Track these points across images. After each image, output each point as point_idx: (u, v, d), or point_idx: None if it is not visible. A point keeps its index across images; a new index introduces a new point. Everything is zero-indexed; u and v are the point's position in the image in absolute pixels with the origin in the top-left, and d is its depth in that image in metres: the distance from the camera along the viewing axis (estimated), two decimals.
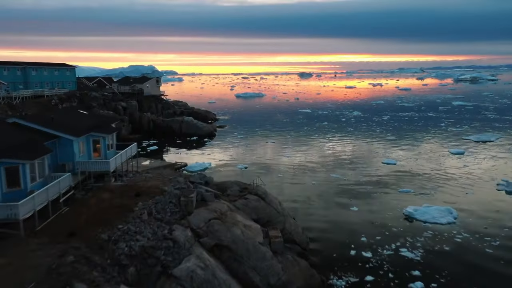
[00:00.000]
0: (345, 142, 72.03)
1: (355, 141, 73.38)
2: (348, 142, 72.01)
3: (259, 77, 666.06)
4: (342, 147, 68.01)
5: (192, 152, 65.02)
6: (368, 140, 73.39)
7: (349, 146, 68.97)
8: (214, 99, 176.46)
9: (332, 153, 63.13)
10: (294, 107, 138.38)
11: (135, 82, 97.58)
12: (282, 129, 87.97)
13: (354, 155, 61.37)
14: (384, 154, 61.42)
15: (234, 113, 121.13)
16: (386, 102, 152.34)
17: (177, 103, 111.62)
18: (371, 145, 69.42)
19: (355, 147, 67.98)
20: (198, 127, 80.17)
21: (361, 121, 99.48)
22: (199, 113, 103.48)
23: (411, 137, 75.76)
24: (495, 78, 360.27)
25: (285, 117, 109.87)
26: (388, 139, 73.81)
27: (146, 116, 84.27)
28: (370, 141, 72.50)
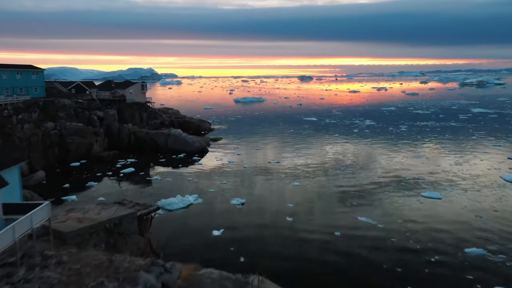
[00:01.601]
0: (363, 163, 58.30)
1: (376, 160, 59.65)
2: (367, 162, 58.30)
3: (259, 80, 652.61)
4: (362, 171, 54.28)
5: (175, 177, 51.32)
6: (392, 159, 59.62)
7: (370, 168, 55.23)
8: (211, 104, 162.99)
9: (352, 182, 49.45)
10: (298, 114, 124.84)
11: (117, 87, 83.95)
12: (287, 142, 74.49)
13: (381, 185, 47.65)
14: (419, 183, 47.67)
15: (231, 121, 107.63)
16: (397, 108, 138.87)
17: (167, 111, 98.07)
18: (398, 168, 55.64)
19: (377, 170, 54.22)
20: (187, 142, 66.55)
21: (377, 132, 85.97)
22: (191, 123, 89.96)
23: (444, 154, 62.13)
24: (502, 82, 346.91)
25: (288, 126, 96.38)
26: (417, 158, 60.08)
27: (126, 127, 70.67)
28: (394, 161, 58.71)
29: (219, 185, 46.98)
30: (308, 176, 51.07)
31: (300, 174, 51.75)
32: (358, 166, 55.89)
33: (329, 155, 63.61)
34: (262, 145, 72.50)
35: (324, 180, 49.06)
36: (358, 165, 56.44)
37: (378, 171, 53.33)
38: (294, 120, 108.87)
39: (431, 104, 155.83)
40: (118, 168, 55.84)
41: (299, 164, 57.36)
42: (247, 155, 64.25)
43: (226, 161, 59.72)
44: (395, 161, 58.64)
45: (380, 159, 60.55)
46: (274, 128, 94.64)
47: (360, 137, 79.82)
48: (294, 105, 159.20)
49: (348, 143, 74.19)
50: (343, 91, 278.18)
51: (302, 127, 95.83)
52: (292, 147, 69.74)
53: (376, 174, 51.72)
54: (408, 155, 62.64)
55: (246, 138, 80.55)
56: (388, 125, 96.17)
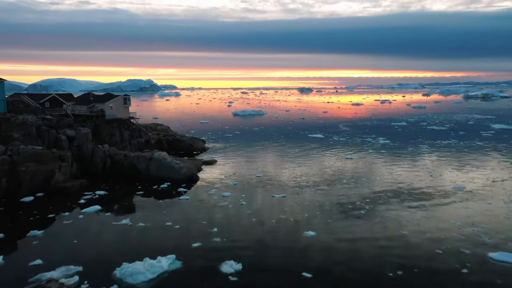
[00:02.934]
0: (387, 195, 46.02)
1: (402, 191, 47.40)
2: (392, 194, 46.06)
3: (258, 92, 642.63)
4: (398, 211, 41.99)
5: (151, 221, 38.74)
6: (424, 192, 47.47)
7: (399, 207, 42.92)
8: (208, 118, 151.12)
9: (394, 229, 37.15)
10: (302, 129, 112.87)
11: (95, 101, 71.98)
12: (293, 167, 62.27)
13: (410, 231, 35.36)
14: (486, 235, 35.43)
15: (228, 139, 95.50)
16: (409, 124, 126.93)
17: (155, 127, 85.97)
18: (436, 204, 43.39)
19: (416, 213, 41.98)
20: (173, 168, 54.27)
21: (395, 153, 73.75)
22: (181, 142, 77.83)
23: (488, 186, 49.82)
24: (508, 95, 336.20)
25: (293, 145, 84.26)
26: (458, 190, 47.82)
27: (101, 150, 58.47)
28: (429, 195, 46.55)
29: (207, 236, 34.51)
30: (327, 220, 38.72)
31: (315, 218, 39.38)
32: (389, 204, 43.59)
33: (347, 187, 51.23)
34: (263, 170, 60.21)
35: (351, 226, 36.77)
36: (388, 202, 44.13)
37: (417, 213, 41.01)
38: (298, 137, 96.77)
39: (444, 118, 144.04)
40: (81, 204, 43.49)
41: (312, 200, 45.03)
42: (246, 185, 51.91)
43: (219, 194, 47.40)
44: (430, 195, 46.41)
45: (408, 190, 48.28)
46: (276, 147, 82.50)
47: (378, 160, 67.60)
48: (297, 119, 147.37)
49: (366, 168, 61.93)
50: (345, 103, 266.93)
51: (309, 146, 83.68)
52: (299, 174, 57.48)
53: (416, 216, 39.42)
54: (442, 185, 50.37)
55: (244, 160, 68.35)
56: (405, 144, 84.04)
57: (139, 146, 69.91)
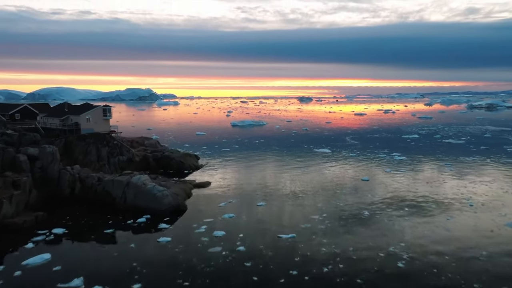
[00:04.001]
0: (433, 240, 35.47)
1: (446, 231, 36.95)
2: (437, 236, 35.57)
3: (258, 101, 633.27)
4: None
5: (113, 282, 28.31)
6: (470, 225, 37.08)
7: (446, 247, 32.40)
8: (204, 129, 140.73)
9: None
10: (306, 143, 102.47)
11: (70, 112, 61.64)
12: (300, 192, 51.64)
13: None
14: None
15: (225, 154, 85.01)
16: (421, 136, 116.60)
17: (142, 141, 75.45)
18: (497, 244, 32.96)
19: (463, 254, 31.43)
20: (155, 196, 43.74)
21: (417, 173, 63.08)
22: (171, 159, 67.32)
23: None
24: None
25: (298, 162, 73.72)
26: (505, 229, 37.51)
27: (69, 172, 48.03)
28: (476, 228, 36.12)
29: None
30: (354, 279, 28.16)
31: (338, 274, 28.85)
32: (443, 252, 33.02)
33: (374, 226, 40.70)
34: (265, 197, 49.64)
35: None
36: (440, 252, 33.55)
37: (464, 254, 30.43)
38: (303, 152, 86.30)
39: (456, 130, 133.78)
40: (26, 252, 32.85)
41: (329, 244, 34.38)
42: (244, 220, 41.31)
43: (210, 234, 36.79)
44: (483, 236, 35.86)
45: (452, 228, 37.70)
46: (279, 165, 71.95)
47: (399, 183, 56.95)
48: (299, 130, 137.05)
49: (389, 194, 51.38)
50: (348, 113, 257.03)
51: (316, 163, 73.20)
52: (309, 204, 46.91)
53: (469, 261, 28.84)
54: (492, 220, 39.83)
55: (242, 183, 57.77)
56: (425, 162, 73.57)
57: (120, 165, 59.39)
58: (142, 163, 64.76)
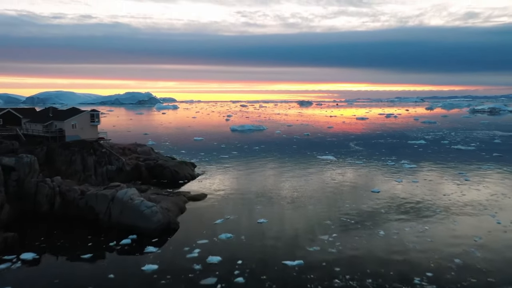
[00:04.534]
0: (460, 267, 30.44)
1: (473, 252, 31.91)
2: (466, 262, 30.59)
3: (258, 105, 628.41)
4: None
5: None
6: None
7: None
8: (203, 134, 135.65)
9: None
10: (309, 149, 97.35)
11: (54, 117, 56.55)
12: (305, 205, 46.69)
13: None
14: None
15: (223, 161, 79.89)
16: (428, 142, 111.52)
17: (135, 148, 70.32)
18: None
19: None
20: (142, 213, 38.63)
21: (432, 184, 58.02)
22: (165, 168, 62.23)
23: None
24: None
25: (301, 170, 68.59)
26: None
27: (48, 185, 42.96)
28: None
29: None
30: None
31: None
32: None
33: (392, 248, 35.57)
34: (266, 212, 44.49)
35: None
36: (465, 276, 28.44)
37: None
38: (306, 160, 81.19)
39: (463, 135, 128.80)
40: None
41: (343, 273, 29.24)
42: (244, 241, 36.08)
43: (203, 260, 31.59)
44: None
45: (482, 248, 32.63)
46: (281, 174, 66.85)
47: (412, 194, 51.83)
48: (301, 136, 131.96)
49: (402, 207, 46.27)
50: (349, 117, 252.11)
51: (321, 173, 68.08)
52: (314, 219, 41.69)
53: None
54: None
55: (241, 195, 52.62)
56: (437, 170, 68.39)
57: (108, 175, 54.28)
58: (134, 173, 59.63)
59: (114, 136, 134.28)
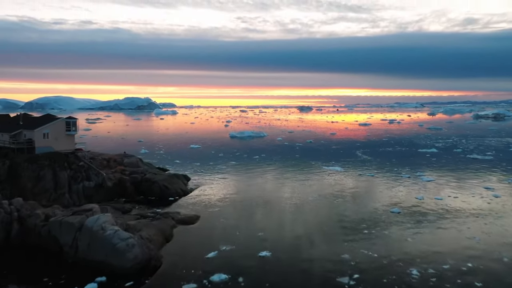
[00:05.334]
0: None
1: None
2: None
3: (258, 111, 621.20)
4: None
5: None
6: None
7: None
8: (200, 141, 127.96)
9: None
10: (314, 159, 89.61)
11: (24, 125, 48.81)
12: (314, 233, 39.03)
13: None
14: None
15: (221, 172, 72.13)
16: (440, 150, 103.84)
17: (121, 160, 62.51)
18: None
19: None
20: (115, 247, 30.75)
21: (457, 202, 50.39)
22: (153, 183, 54.49)
23: None
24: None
25: (306, 184, 60.85)
26: None
27: (3, 210, 35.18)
28: None
29: None
30: None
31: None
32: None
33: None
34: (268, 241, 36.49)
35: None
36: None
37: None
38: (311, 171, 73.43)
39: (476, 143, 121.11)
40: None
41: None
42: (241, 284, 28.49)
43: None
44: None
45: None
46: (284, 189, 59.06)
47: (442, 214, 44.23)
48: (303, 143, 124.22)
49: (431, 234, 38.58)
50: (351, 123, 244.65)
51: (329, 188, 60.30)
52: (329, 253, 33.79)
53: None
54: None
55: (240, 216, 44.83)
56: (460, 184, 60.57)
57: (85, 193, 46.56)
58: (117, 189, 51.86)
59: (106, 143, 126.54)
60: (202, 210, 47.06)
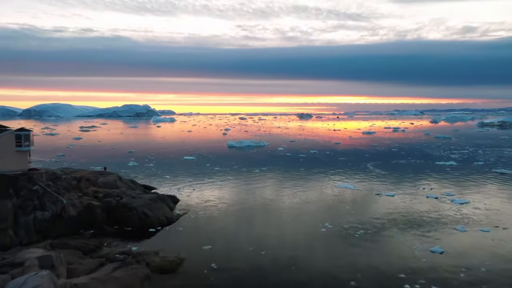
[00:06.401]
0: None
1: None
2: None
3: (257, 118, 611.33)
4: None
5: None
6: None
7: None
8: (196, 151, 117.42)
9: None
10: (321, 173, 79.02)
11: None
12: (333, 274, 28.84)
13: None
14: None
15: (216, 191, 61.37)
16: (459, 163, 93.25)
17: (96, 178, 51.78)
18: None
19: None
20: None
21: (508, 234, 40.13)
22: (131, 209, 43.85)
23: None
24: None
25: (317, 210, 50.42)
26: None
27: None
28: None
29: None
30: None
31: None
32: None
33: None
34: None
35: None
36: None
37: None
38: (321, 190, 62.75)
39: (496, 155, 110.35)
40: None
41: None
42: None
43: None
44: None
45: None
46: (290, 217, 48.29)
47: (504, 258, 33.86)
48: (307, 154, 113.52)
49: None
50: (354, 131, 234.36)
51: (346, 213, 49.59)
52: None
53: None
54: None
55: (236, 259, 34.36)
56: (503, 208, 50.28)
57: (38, 227, 35.97)
58: (83, 218, 41.21)
59: (93, 154, 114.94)
60: (188, 248, 36.42)
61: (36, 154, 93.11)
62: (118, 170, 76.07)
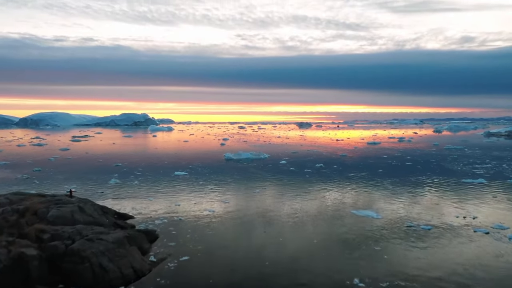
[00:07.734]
0: None
1: None
2: None
3: (256, 127, 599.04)
4: None
5: None
6: None
7: None
8: (189, 166, 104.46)
9: None
10: (334, 193, 66.23)
11: None
12: None
13: None
14: None
15: (206, 219, 48.69)
16: (488, 180, 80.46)
17: (46, 211, 39.40)
18: None
19: None
20: None
21: None
22: (83, 260, 31.26)
23: None
24: None
25: (336, 252, 37.93)
26: None
27: None
28: None
29: None
30: None
31: None
32: None
33: None
34: None
35: None
36: None
37: None
38: (337, 219, 50.11)
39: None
40: None
41: None
42: None
43: None
44: None
45: None
46: (304, 262, 35.88)
47: None
48: (313, 169, 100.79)
49: None
50: (357, 141, 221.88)
51: (377, 262, 37.30)
52: None
53: None
54: None
55: None
56: None
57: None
58: (12, 276, 28.68)
59: (73, 169, 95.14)
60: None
61: (10, 168, 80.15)
62: (94, 192, 63.59)
